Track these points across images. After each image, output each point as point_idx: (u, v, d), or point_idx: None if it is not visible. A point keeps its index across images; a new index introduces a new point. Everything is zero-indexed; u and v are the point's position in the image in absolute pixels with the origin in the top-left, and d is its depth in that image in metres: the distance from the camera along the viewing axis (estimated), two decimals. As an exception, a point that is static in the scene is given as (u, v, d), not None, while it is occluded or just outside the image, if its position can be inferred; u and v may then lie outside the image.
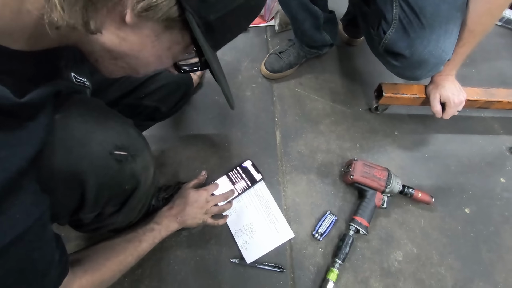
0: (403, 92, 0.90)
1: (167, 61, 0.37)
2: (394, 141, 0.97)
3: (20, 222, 0.26)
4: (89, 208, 0.38)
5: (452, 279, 0.76)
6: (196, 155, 0.90)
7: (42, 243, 0.30)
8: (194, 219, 0.70)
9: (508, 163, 0.96)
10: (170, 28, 0.32)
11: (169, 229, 0.66)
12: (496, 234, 0.83)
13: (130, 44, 0.31)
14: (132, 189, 0.43)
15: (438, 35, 0.69)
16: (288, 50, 1.05)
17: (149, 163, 0.46)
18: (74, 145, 0.33)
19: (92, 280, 0.46)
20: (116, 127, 0.39)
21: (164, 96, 0.71)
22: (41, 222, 0.29)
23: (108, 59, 0.33)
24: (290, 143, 0.94)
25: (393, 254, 0.79)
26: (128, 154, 0.38)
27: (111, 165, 0.37)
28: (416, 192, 0.83)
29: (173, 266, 0.75)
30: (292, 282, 0.74)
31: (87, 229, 0.45)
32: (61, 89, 0.32)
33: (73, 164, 0.33)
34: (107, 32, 0.29)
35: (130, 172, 0.40)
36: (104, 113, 0.38)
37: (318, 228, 0.80)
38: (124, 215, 0.45)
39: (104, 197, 0.38)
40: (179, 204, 0.70)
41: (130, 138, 0.41)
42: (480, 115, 1.05)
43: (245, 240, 0.78)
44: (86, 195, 0.36)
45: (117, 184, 0.39)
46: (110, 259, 0.51)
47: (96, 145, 0.35)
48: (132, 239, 0.58)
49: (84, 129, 0.35)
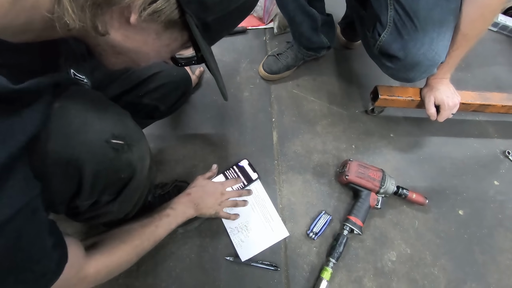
0: (399, 95, 0.91)
1: (165, 55, 0.39)
2: (389, 143, 0.98)
3: (9, 205, 0.27)
4: (85, 195, 0.39)
5: (445, 279, 0.77)
6: (193, 153, 0.91)
7: (31, 228, 0.30)
8: (209, 208, 0.72)
9: (502, 166, 0.97)
10: (170, 28, 0.34)
11: (185, 215, 0.67)
12: (489, 236, 0.84)
13: (133, 41, 0.33)
14: (128, 178, 0.44)
15: (431, 38, 0.71)
16: (286, 52, 1.07)
17: (145, 154, 0.47)
18: (71, 133, 0.34)
19: (109, 262, 0.47)
20: (113, 117, 0.40)
21: (164, 95, 0.72)
22: (30, 207, 0.30)
23: (111, 54, 0.35)
24: (287, 143, 0.95)
25: (387, 254, 0.79)
26: (125, 143, 0.40)
27: (107, 153, 0.38)
28: (411, 193, 0.84)
29: (168, 263, 0.75)
30: (286, 280, 0.75)
31: (83, 218, 0.46)
32: (60, 80, 0.33)
33: (70, 151, 0.34)
34: (113, 30, 0.31)
35: (126, 161, 0.41)
36: (102, 104, 0.40)
37: (313, 227, 0.81)
38: (119, 205, 0.46)
39: (100, 184, 0.39)
40: (197, 191, 0.72)
41: (127, 128, 0.42)
42: (475, 119, 1.06)
43: (240, 238, 0.78)
44: (83, 182, 0.37)
45: (113, 172, 0.40)
46: (127, 243, 0.52)
47: (93, 133, 0.36)
48: (148, 224, 0.59)
49: (82, 117, 0.36)
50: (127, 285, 0.72)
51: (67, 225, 0.75)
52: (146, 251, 0.57)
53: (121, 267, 0.51)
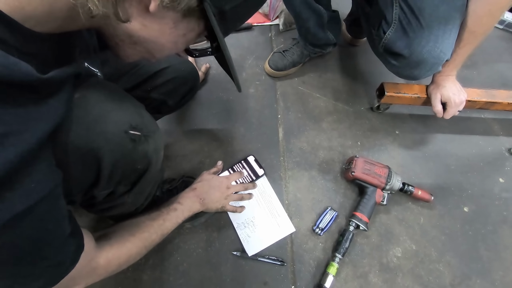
0: (405, 92, 0.91)
1: (181, 46, 0.40)
2: (395, 140, 0.99)
3: (36, 191, 0.28)
4: (103, 184, 0.39)
5: (450, 275, 0.77)
6: (200, 149, 0.92)
7: (55, 214, 0.31)
8: (215, 203, 0.73)
9: (507, 164, 0.97)
10: (187, 17, 0.34)
11: (192, 210, 0.68)
12: (494, 233, 0.84)
13: (150, 30, 0.33)
14: (143, 169, 0.44)
15: (437, 36, 0.71)
16: (292, 48, 1.07)
17: (160, 146, 0.48)
18: (91, 123, 0.35)
19: (118, 254, 0.48)
20: (130, 108, 0.41)
21: (171, 90, 0.72)
22: (54, 194, 0.30)
23: (128, 43, 0.35)
24: (293, 140, 0.96)
25: (392, 250, 0.80)
26: (142, 135, 0.40)
27: (125, 144, 0.39)
28: (416, 190, 0.84)
29: (175, 257, 0.76)
30: (293, 275, 0.75)
31: (97, 209, 0.47)
32: (81, 71, 0.34)
33: (90, 140, 0.35)
34: (131, 18, 0.31)
35: (143, 152, 0.42)
36: (119, 95, 0.40)
37: (319, 223, 0.81)
38: (134, 196, 0.47)
39: (118, 174, 0.40)
40: (203, 186, 0.73)
41: (144, 120, 0.42)
42: (481, 116, 1.06)
43: (247, 233, 0.79)
44: (101, 171, 0.38)
45: (130, 162, 0.41)
46: (136, 235, 0.53)
47: (112, 123, 0.37)
48: (156, 217, 0.60)
49: (101, 108, 0.36)
50: (135, 278, 0.73)
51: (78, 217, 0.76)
52: (154, 244, 0.58)
53: (131, 259, 0.52)
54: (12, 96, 0.25)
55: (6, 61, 0.24)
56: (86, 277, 0.42)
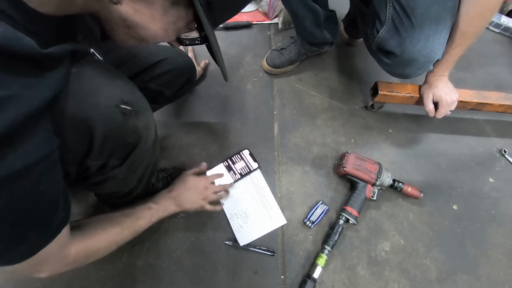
0: (398, 91, 0.93)
1: (172, 34, 0.42)
2: (388, 138, 1.01)
3: (35, 152, 0.30)
4: (95, 154, 0.42)
5: (436, 270, 0.79)
6: (196, 142, 0.94)
7: (51, 178, 0.33)
8: (192, 203, 0.73)
9: (497, 164, 0.99)
10: (176, 5, 0.37)
11: (167, 210, 0.69)
12: (482, 230, 0.86)
13: (142, 15, 0.36)
14: (134, 144, 0.47)
15: (427, 35, 0.73)
16: (289, 47, 1.09)
17: (151, 123, 0.50)
18: (85, 96, 0.37)
19: (88, 246, 0.49)
20: (122, 84, 0.43)
21: (169, 81, 0.75)
22: (52, 157, 0.33)
23: (122, 27, 0.37)
24: (287, 135, 0.98)
25: (380, 244, 0.82)
26: (132, 110, 0.43)
27: (116, 117, 0.41)
28: (406, 187, 0.86)
29: (169, 245, 0.78)
30: (282, 265, 0.77)
31: (91, 183, 0.49)
32: (78, 49, 0.37)
33: (83, 112, 0.37)
34: (124, 3, 0.34)
35: (133, 126, 0.44)
36: (113, 73, 0.43)
37: (310, 216, 0.83)
38: (126, 171, 0.49)
39: (109, 145, 0.42)
40: (178, 188, 0.74)
41: (135, 97, 0.45)
42: (473, 117, 1.08)
43: (239, 224, 0.81)
44: (93, 142, 0.40)
45: (121, 135, 0.43)
46: (107, 230, 0.54)
47: (104, 97, 0.39)
48: (129, 214, 0.62)
49: (95, 82, 0.39)
50: (130, 264, 0.75)
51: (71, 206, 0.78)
52: (126, 240, 0.58)
53: (99, 253, 0.52)
54: (15, 66, 0.28)
55: (13, 35, 0.27)
56: (53, 264, 0.42)
